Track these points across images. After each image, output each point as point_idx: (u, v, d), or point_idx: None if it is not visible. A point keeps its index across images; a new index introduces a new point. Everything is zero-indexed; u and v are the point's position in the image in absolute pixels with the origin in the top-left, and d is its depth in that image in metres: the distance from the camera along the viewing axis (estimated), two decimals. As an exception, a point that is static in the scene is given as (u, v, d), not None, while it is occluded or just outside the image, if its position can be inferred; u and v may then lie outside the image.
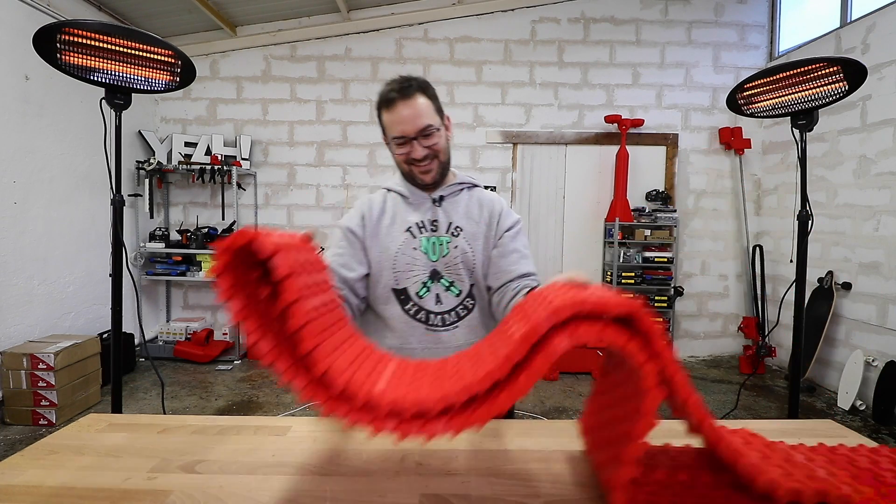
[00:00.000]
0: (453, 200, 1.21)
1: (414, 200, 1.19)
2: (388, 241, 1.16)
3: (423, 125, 1.09)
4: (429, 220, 1.18)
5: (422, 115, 1.09)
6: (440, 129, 1.13)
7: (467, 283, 1.18)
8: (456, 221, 1.18)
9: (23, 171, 3.08)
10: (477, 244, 1.18)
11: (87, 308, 3.60)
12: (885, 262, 3.20)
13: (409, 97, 1.09)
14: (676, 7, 4.38)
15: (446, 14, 4.33)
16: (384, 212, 1.20)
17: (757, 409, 3.31)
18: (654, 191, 4.38)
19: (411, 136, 1.10)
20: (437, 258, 1.16)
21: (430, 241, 1.16)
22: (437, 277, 1.16)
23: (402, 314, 1.16)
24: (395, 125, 1.10)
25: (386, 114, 1.11)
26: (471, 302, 1.19)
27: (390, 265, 1.15)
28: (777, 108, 1.85)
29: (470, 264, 1.17)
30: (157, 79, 1.57)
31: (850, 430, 0.88)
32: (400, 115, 1.09)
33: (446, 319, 1.16)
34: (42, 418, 2.83)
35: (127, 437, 0.86)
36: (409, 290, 1.15)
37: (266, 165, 4.47)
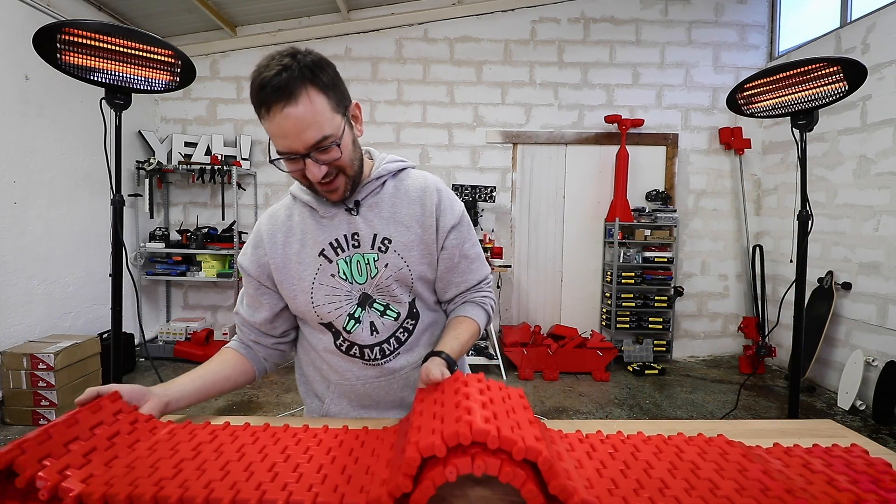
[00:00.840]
0: (374, 202, 0.96)
1: (325, 213, 0.94)
2: (301, 271, 0.94)
3: (314, 139, 0.80)
4: (346, 234, 0.94)
5: (312, 125, 0.79)
6: (342, 134, 0.84)
7: (406, 300, 0.97)
8: (382, 232, 0.94)
9: (23, 171, 3.08)
10: (412, 254, 0.95)
11: (87, 308, 3.60)
12: (885, 262, 3.20)
13: (292, 97, 0.77)
14: (676, 7, 4.38)
15: (446, 14, 4.33)
16: (291, 232, 0.96)
17: (757, 409, 3.31)
18: (654, 191, 4.38)
19: (301, 152, 0.81)
20: (365, 280, 0.94)
21: (352, 262, 0.94)
22: (369, 303, 0.95)
23: (335, 349, 0.98)
24: (278, 139, 0.81)
25: (265, 120, 0.80)
26: (411, 322, 0.98)
27: (307, 299, 0.94)
28: (777, 108, 1.85)
29: (407, 281, 0.96)
30: (157, 79, 1.57)
31: (849, 430, 0.88)
32: (281, 127, 0.79)
33: (385, 350, 0.97)
34: (42, 418, 2.83)
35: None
36: (334, 324, 0.95)
37: (266, 165, 4.47)
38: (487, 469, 0.53)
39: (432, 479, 0.53)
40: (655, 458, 0.68)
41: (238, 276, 4.09)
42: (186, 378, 0.90)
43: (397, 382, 0.99)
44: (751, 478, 0.63)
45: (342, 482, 0.61)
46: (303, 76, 0.78)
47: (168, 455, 0.66)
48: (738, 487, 0.60)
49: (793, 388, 1.88)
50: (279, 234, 0.97)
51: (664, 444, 0.73)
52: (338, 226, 0.94)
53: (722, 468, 0.65)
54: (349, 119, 0.89)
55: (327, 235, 0.94)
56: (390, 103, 4.42)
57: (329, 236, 0.94)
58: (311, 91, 0.79)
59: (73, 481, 0.58)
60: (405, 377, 0.99)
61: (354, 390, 0.99)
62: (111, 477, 0.60)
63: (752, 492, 0.59)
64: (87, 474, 0.60)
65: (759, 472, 0.64)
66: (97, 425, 0.70)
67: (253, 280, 0.99)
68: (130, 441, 0.70)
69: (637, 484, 0.62)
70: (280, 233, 0.97)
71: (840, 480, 0.63)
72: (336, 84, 0.85)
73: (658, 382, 3.81)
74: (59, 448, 0.62)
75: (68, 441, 0.64)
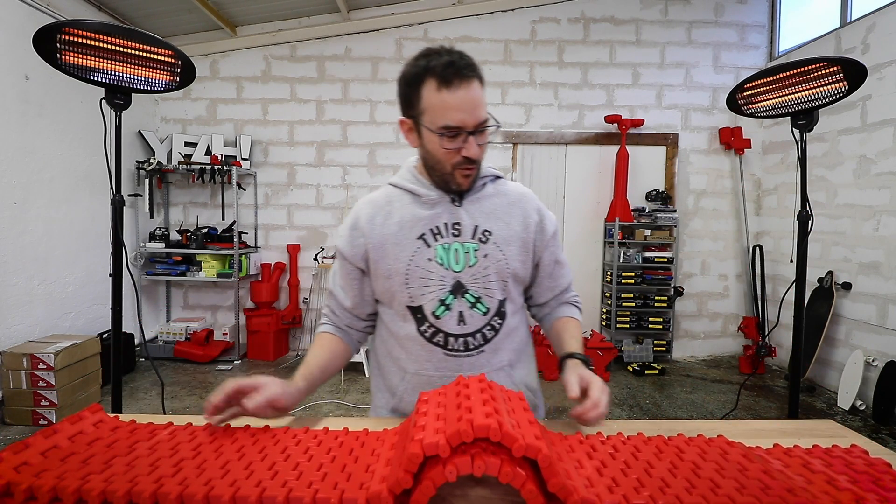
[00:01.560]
0: (476, 198, 1.00)
1: (429, 199, 0.97)
2: (398, 251, 0.96)
3: (483, 118, 0.88)
4: (448, 223, 0.97)
5: (482, 106, 0.88)
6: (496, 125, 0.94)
7: (498, 297, 0.98)
8: (483, 224, 0.98)
9: (23, 171, 3.08)
10: (511, 249, 0.99)
11: (87, 308, 3.60)
12: (885, 262, 3.20)
13: (475, 78, 0.87)
14: (676, 7, 4.38)
15: (446, 14, 4.33)
16: (390, 215, 0.99)
17: (757, 409, 3.31)
18: (654, 191, 4.38)
19: (469, 129, 0.87)
20: (462, 268, 0.96)
21: (449, 249, 0.96)
22: (462, 292, 0.96)
23: (418, 336, 0.97)
24: (453, 111, 0.86)
25: (441, 94, 0.85)
26: (499, 321, 0.99)
27: (402, 280, 0.96)
28: (777, 108, 1.85)
29: (504, 275, 0.98)
30: (157, 79, 1.57)
31: (849, 430, 0.88)
32: (464, 100, 0.85)
33: (469, 343, 0.97)
34: (42, 418, 2.83)
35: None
36: (424, 308, 0.96)
37: (266, 165, 4.47)
38: (487, 469, 0.53)
39: (432, 479, 0.53)
40: (656, 458, 0.68)
41: (239, 275, 4.09)
42: (307, 371, 0.93)
43: None
44: (751, 477, 0.63)
45: (342, 479, 0.61)
46: (477, 69, 0.89)
47: (168, 455, 0.67)
48: (739, 486, 0.60)
49: (793, 388, 1.88)
50: (378, 217, 0.99)
51: (664, 445, 0.73)
52: (439, 213, 0.97)
53: (722, 468, 0.65)
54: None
55: (428, 221, 0.97)
56: (390, 103, 4.42)
57: (430, 222, 0.97)
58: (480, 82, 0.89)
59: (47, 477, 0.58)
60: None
61: (431, 383, 0.97)
62: (111, 475, 0.60)
63: (752, 490, 0.59)
64: (85, 474, 0.60)
65: (759, 471, 0.64)
66: (76, 434, 0.70)
67: (348, 263, 1.01)
68: (118, 444, 0.70)
69: (637, 483, 0.62)
70: (379, 215, 0.99)
71: (840, 480, 0.63)
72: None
73: (658, 382, 3.81)
74: (37, 456, 0.63)
75: (46, 450, 0.65)
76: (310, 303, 4.49)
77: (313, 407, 3.20)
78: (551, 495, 0.55)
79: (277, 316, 4.22)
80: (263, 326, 4.15)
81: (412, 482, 0.55)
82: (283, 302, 4.50)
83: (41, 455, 0.64)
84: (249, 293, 4.36)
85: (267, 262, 4.49)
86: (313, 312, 4.50)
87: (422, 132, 0.92)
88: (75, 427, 0.71)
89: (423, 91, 0.88)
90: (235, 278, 4.09)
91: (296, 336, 4.51)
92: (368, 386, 3.82)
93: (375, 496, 0.55)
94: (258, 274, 4.44)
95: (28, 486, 0.57)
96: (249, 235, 4.43)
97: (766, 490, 0.60)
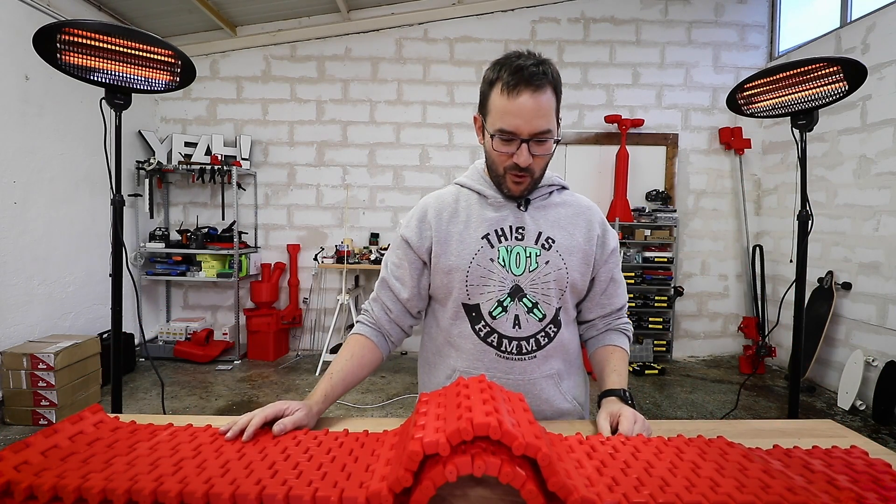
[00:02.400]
0: (542, 205, 1.01)
1: (495, 201, 0.99)
2: (461, 248, 0.97)
3: (541, 128, 0.88)
4: (512, 226, 0.98)
5: (545, 116, 0.88)
6: (555, 139, 0.92)
7: (554, 305, 0.98)
8: (547, 231, 0.98)
9: (23, 171, 3.08)
10: (572, 259, 0.99)
11: (87, 308, 3.60)
12: (885, 262, 3.20)
13: (542, 86, 0.87)
14: (676, 7, 4.38)
15: (446, 14, 4.33)
16: (456, 213, 1.00)
17: (757, 409, 3.31)
18: (654, 191, 4.38)
19: (523, 136, 0.88)
20: (523, 272, 0.96)
21: (512, 252, 0.96)
22: (520, 295, 0.96)
23: (472, 334, 0.98)
24: (510, 116, 0.87)
25: (503, 98, 0.87)
26: (553, 329, 0.99)
27: (462, 276, 0.96)
28: (777, 108, 1.85)
29: (563, 284, 0.98)
30: (157, 79, 1.56)
31: (849, 430, 0.88)
32: (521, 107, 0.86)
33: (523, 347, 0.97)
34: (42, 418, 2.83)
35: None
36: (481, 307, 0.97)
37: (266, 165, 4.47)
38: (487, 469, 0.53)
39: (432, 480, 0.53)
40: (656, 458, 0.68)
41: (239, 275, 4.09)
42: (329, 386, 0.93)
43: (523, 387, 0.98)
44: (751, 476, 0.63)
45: (342, 479, 0.61)
46: (553, 78, 0.90)
47: (168, 454, 0.67)
48: (739, 485, 0.60)
49: (793, 388, 1.88)
50: (445, 213, 1.01)
51: (664, 446, 0.73)
52: (505, 216, 0.98)
53: (722, 467, 0.65)
54: (557, 134, 0.94)
55: (493, 222, 0.98)
56: (390, 103, 4.42)
57: (495, 223, 0.98)
58: (552, 92, 0.90)
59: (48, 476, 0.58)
60: (532, 384, 0.99)
61: None
62: (111, 473, 0.60)
63: (752, 489, 0.59)
64: (86, 472, 0.60)
65: (759, 470, 0.64)
66: (76, 434, 0.70)
67: (412, 252, 1.01)
68: (119, 444, 0.70)
69: (637, 482, 0.61)
70: (446, 211, 1.01)
71: (840, 480, 0.63)
72: (559, 103, 0.93)
73: (658, 382, 3.81)
74: (37, 456, 0.63)
75: (46, 449, 0.65)
76: (310, 303, 4.49)
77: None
78: (551, 494, 0.55)
79: (277, 316, 4.22)
80: (263, 326, 4.15)
81: (412, 480, 0.55)
82: (283, 302, 4.50)
83: (41, 454, 0.64)
84: (249, 293, 4.36)
85: (267, 262, 4.49)
86: (313, 312, 4.50)
87: (485, 132, 0.94)
88: (76, 427, 0.71)
89: (492, 93, 0.90)
90: (235, 278, 4.09)
91: (296, 336, 4.51)
92: (369, 386, 3.84)
93: (375, 495, 0.55)
94: (258, 274, 4.44)
95: (28, 485, 0.57)
96: (249, 235, 4.43)
97: (766, 489, 0.60)
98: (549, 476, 0.54)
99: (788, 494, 0.58)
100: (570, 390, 1.04)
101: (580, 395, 1.08)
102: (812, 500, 0.58)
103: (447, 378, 1.02)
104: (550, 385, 1.00)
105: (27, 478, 0.58)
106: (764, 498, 0.58)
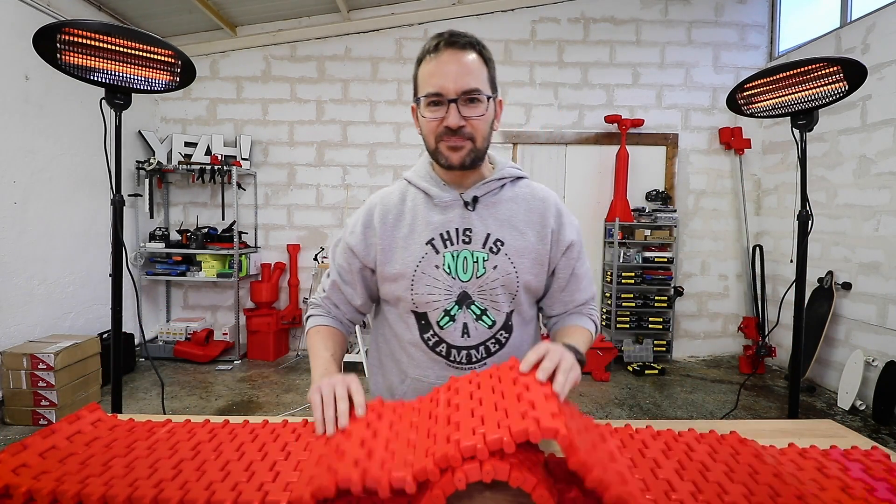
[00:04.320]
0: (491, 202, 0.95)
1: (441, 202, 0.94)
2: (405, 255, 0.93)
3: (469, 86, 0.84)
4: (459, 228, 0.93)
5: (470, 74, 0.85)
6: (489, 102, 0.88)
7: (505, 310, 0.94)
8: (495, 233, 0.93)
9: (23, 171, 3.07)
10: (522, 261, 0.93)
11: (87, 308, 3.60)
12: (885, 262, 3.20)
13: (465, 47, 0.86)
14: (676, 7, 4.38)
15: (446, 14, 4.33)
16: (402, 216, 0.96)
17: (757, 409, 3.31)
18: (654, 191, 4.38)
19: (450, 96, 0.84)
20: (469, 278, 0.92)
21: (458, 258, 0.92)
22: (468, 303, 0.92)
23: (421, 342, 0.95)
24: (434, 78, 0.85)
25: (426, 64, 0.87)
26: (504, 335, 0.95)
27: (407, 285, 0.92)
28: (777, 108, 1.85)
29: (512, 288, 0.93)
30: (157, 79, 1.57)
31: (849, 430, 0.88)
32: (443, 65, 0.84)
33: (472, 356, 0.94)
34: (42, 418, 2.83)
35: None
36: (429, 315, 0.93)
37: (266, 165, 4.47)
38: (497, 474, 0.52)
39: (442, 488, 0.53)
40: (664, 456, 0.66)
41: (239, 275, 4.09)
42: (328, 363, 0.90)
43: None
44: (761, 482, 0.61)
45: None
46: (478, 44, 0.88)
47: (167, 455, 0.66)
48: (747, 493, 0.59)
49: (793, 388, 1.88)
50: (390, 216, 0.96)
51: (674, 442, 0.71)
52: (451, 218, 0.93)
53: (732, 470, 0.63)
54: (495, 103, 0.91)
55: (438, 226, 0.93)
56: (390, 103, 4.42)
57: (440, 227, 0.93)
58: (479, 56, 0.87)
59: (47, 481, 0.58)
60: None
61: (431, 390, 0.95)
62: (110, 478, 0.60)
63: (761, 498, 0.58)
64: (85, 476, 0.60)
65: (770, 475, 0.62)
66: (74, 434, 0.70)
67: (358, 260, 0.98)
68: (117, 444, 0.69)
69: (642, 484, 0.60)
70: (391, 214, 0.96)
71: (855, 488, 0.60)
72: (493, 70, 0.91)
73: (658, 382, 3.81)
74: (35, 457, 0.63)
75: (44, 450, 0.64)
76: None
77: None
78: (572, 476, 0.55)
79: (277, 316, 4.22)
80: (263, 326, 4.15)
81: (439, 476, 0.54)
82: (283, 302, 4.50)
83: (39, 456, 0.63)
84: (249, 293, 4.36)
85: (267, 262, 4.49)
86: (313, 312, 4.49)
87: (418, 111, 0.91)
88: (73, 427, 0.71)
89: (419, 69, 0.89)
90: (235, 278, 4.09)
91: (296, 336, 4.51)
92: (368, 385, 3.80)
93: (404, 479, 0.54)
94: (258, 274, 4.44)
95: (27, 489, 0.57)
96: (249, 235, 4.43)
97: (775, 498, 0.58)
98: (570, 455, 0.53)
99: (798, 503, 0.57)
100: None
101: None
102: None
103: (400, 382, 0.99)
104: None
105: (26, 481, 0.58)
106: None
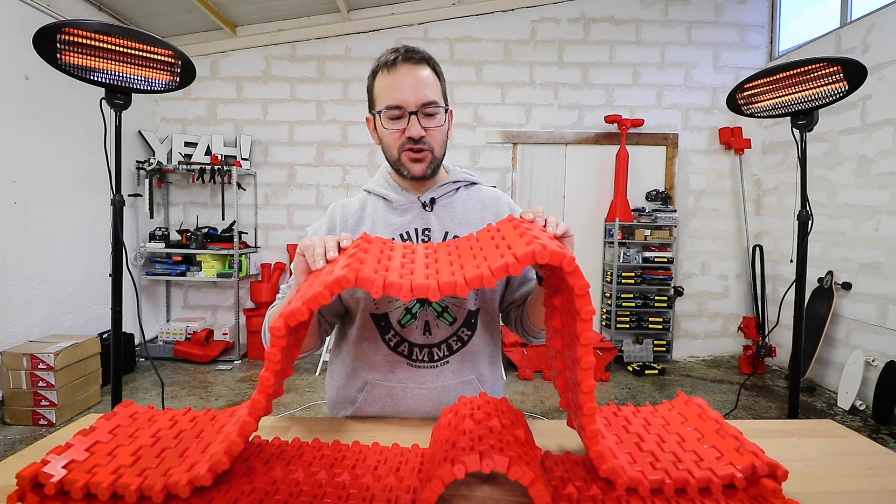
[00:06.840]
0: (448, 203, 1.00)
1: (399, 205, 0.98)
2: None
3: (427, 98, 0.90)
4: (418, 228, 0.96)
5: (428, 87, 0.90)
6: (444, 115, 0.94)
7: (466, 308, 0.96)
8: (453, 230, 0.97)
9: (23, 171, 3.07)
10: None
11: (87, 308, 3.60)
12: (885, 262, 3.20)
13: (418, 63, 0.90)
14: (676, 7, 4.38)
15: (446, 14, 4.33)
16: (362, 220, 0.99)
17: (757, 409, 3.31)
18: (654, 191, 4.38)
19: (411, 108, 0.89)
20: None
21: None
22: (427, 301, 0.94)
23: (382, 344, 0.95)
24: (393, 91, 0.89)
25: (382, 78, 0.91)
26: (467, 333, 0.97)
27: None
28: (777, 108, 1.85)
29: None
30: (157, 79, 1.56)
31: (849, 430, 0.88)
32: (402, 79, 0.89)
33: (434, 354, 0.95)
34: (42, 418, 2.83)
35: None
36: (390, 316, 0.94)
37: (266, 165, 4.47)
38: (496, 466, 0.53)
39: (441, 477, 0.53)
40: (645, 430, 0.71)
41: (239, 275, 4.09)
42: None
43: (438, 396, 0.95)
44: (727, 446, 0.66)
45: None
46: (431, 59, 0.93)
47: (217, 440, 0.66)
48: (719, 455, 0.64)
49: (793, 388, 1.88)
50: (350, 220, 1.00)
51: (652, 416, 0.76)
52: (411, 220, 0.97)
53: (703, 434, 0.70)
54: (448, 115, 0.97)
55: (398, 227, 0.96)
56: (390, 103, 4.42)
57: (400, 227, 0.96)
58: (432, 71, 0.93)
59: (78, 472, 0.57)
60: (446, 392, 0.95)
61: (392, 394, 0.96)
62: (167, 468, 0.59)
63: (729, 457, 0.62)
64: (142, 469, 0.60)
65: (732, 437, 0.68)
66: (115, 428, 0.69)
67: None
68: (162, 433, 0.69)
69: (652, 457, 0.64)
70: (352, 219, 1.00)
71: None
72: (444, 84, 0.96)
73: (658, 382, 3.81)
74: (82, 453, 0.62)
75: (89, 445, 0.64)
76: (310, 303, 4.48)
77: (312, 407, 3.19)
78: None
79: (277, 316, 4.21)
80: (263, 326, 4.15)
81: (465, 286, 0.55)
82: (283, 302, 4.50)
83: (86, 451, 0.62)
84: (249, 293, 4.36)
85: (267, 262, 4.49)
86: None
87: (376, 122, 0.94)
88: (112, 422, 0.70)
89: (375, 81, 0.93)
90: (235, 278, 4.09)
91: (296, 336, 4.51)
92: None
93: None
94: (258, 274, 4.44)
95: (84, 484, 0.56)
96: (249, 235, 4.43)
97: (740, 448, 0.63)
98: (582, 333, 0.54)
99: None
100: (496, 395, 1.01)
101: (498, 393, 1.04)
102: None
103: (359, 390, 0.98)
104: (469, 391, 0.97)
105: (81, 476, 0.57)
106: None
